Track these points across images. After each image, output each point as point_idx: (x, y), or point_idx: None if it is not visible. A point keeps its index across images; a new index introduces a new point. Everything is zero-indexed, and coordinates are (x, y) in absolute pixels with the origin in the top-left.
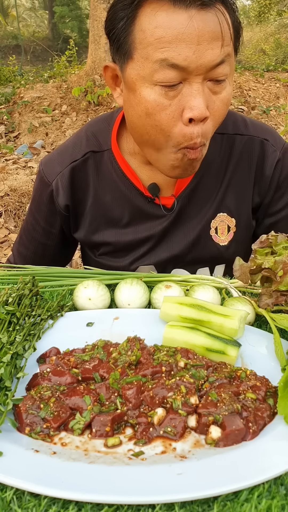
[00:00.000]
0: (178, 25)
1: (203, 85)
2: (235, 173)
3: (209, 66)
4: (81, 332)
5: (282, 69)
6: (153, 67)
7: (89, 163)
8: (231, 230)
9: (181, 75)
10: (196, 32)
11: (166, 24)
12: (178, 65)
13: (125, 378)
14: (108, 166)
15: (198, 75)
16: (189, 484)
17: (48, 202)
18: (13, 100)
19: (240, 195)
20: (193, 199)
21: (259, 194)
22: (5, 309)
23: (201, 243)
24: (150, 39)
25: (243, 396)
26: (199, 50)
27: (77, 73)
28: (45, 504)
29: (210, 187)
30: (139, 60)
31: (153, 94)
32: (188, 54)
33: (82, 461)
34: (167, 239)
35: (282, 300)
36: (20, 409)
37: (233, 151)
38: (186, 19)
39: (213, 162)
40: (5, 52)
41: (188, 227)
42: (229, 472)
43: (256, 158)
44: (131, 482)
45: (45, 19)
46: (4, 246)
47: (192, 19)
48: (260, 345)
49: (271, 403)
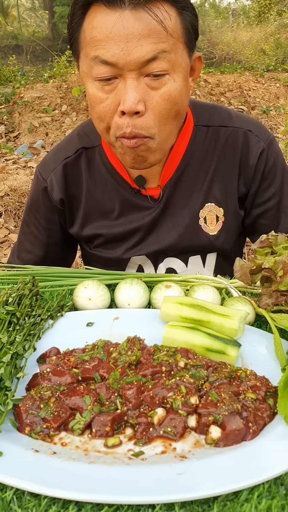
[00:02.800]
0: (109, 25)
1: (138, 80)
2: (220, 164)
3: (139, 62)
4: (81, 332)
5: (282, 69)
6: (90, 63)
7: (81, 158)
8: (219, 220)
9: (114, 70)
10: (124, 31)
11: (99, 25)
12: (107, 61)
13: (125, 378)
14: (99, 161)
15: (130, 71)
16: (189, 484)
17: (45, 199)
18: (13, 100)
19: (226, 185)
20: (179, 188)
21: (244, 184)
22: (5, 309)
23: (191, 233)
24: (88, 39)
25: (243, 396)
26: (128, 47)
27: (77, 73)
28: (45, 504)
29: (196, 178)
30: (82, 58)
31: (93, 88)
32: (116, 51)
33: (82, 461)
34: (157, 229)
35: (282, 300)
36: (20, 409)
37: (218, 143)
38: (116, 19)
39: (198, 153)
40: (5, 52)
41: (176, 217)
42: (229, 472)
43: (240, 149)
44: (131, 482)
45: (45, 19)
46: (4, 246)
47: (122, 19)
48: (260, 345)
49: (271, 403)
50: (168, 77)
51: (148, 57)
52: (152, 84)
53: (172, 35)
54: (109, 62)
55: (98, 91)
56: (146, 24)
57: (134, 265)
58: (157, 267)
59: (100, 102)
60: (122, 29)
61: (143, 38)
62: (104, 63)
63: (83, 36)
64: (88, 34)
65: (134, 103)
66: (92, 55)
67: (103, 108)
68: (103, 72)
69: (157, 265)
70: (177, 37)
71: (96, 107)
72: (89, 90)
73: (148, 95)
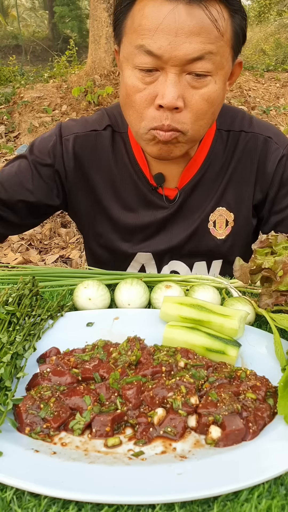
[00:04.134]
0: (160, 16)
1: (179, 76)
2: (237, 169)
3: (184, 59)
4: (81, 332)
5: (282, 69)
6: (134, 51)
7: (108, 136)
8: (229, 225)
9: (157, 62)
10: (175, 24)
11: (151, 14)
12: (153, 52)
13: (125, 378)
14: (122, 148)
15: (174, 66)
16: (189, 484)
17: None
18: (13, 100)
19: (240, 191)
20: (195, 192)
21: (261, 191)
22: (5, 309)
23: (199, 236)
24: (136, 26)
25: (243, 396)
26: (176, 42)
27: (77, 73)
28: (45, 504)
29: (213, 183)
30: (125, 44)
31: (132, 76)
32: (163, 44)
33: (82, 461)
34: (167, 229)
35: (282, 300)
36: (20, 409)
37: (237, 148)
38: (169, 11)
39: (217, 158)
40: (5, 52)
41: (188, 220)
42: (229, 472)
43: (258, 155)
44: (131, 482)
45: (45, 19)
46: (4, 246)
47: (174, 12)
48: (260, 345)
49: (271, 403)
50: (210, 79)
51: (194, 56)
52: (193, 83)
53: (222, 37)
54: (154, 54)
55: (136, 80)
56: (199, 21)
57: (138, 264)
58: (160, 269)
59: (138, 91)
60: (173, 22)
61: (193, 35)
62: (148, 54)
63: (130, 22)
64: (137, 21)
65: (174, 98)
66: (138, 43)
67: (139, 98)
68: (145, 62)
69: (161, 267)
70: (226, 40)
71: (132, 96)
72: (127, 78)
73: (187, 93)
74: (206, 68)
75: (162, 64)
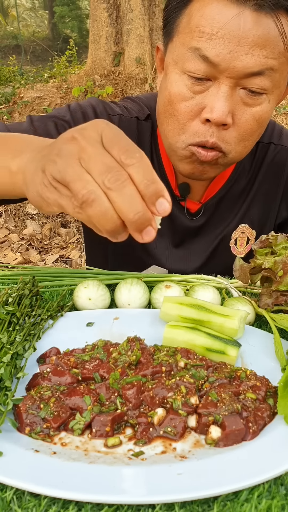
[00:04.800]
0: (222, 19)
1: (233, 90)
2: (264, 183)
3: (242, 72)
4: (81, 332)
5: None
6: (186, 54)
7: (149, 128)
8: (250, 242)
9: (211, 71)
10: (238, 32)
11: (212, 16)
12: (209, 58)
13: (125, 378)
14: (153, 148)
15: (229, 78)
16: (189, 484)
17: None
18: (13, 100)
19: (265, 207)
20: (220, 208)
21: (286, 208)
22: (5, 309)
23: (218, 254)
24: (192, 26)
25: (243, 396)
26: (236, 51)
27: (77, 73)
28: (45, 504)
29: (238, 198)
30: (176, 44)
31: (179, 82)
32: (222, 51)
33: (82, 461)
34: (185, 247)
35: (282, 300)
36: (20, 409)
37: (264, 161)
38: (234, 16)
39: (244, 171)
40: (5, 52)
41: (209, 238)
42: (229, 472)
43: (287, 170)
44: (131, 482)
45: (45, 19)
46: (4, 246)
47: (240, 17)
48: (260, 345)
49: (271, 403)
50: (265, 97)
51: (254, 70)
52: (246, 99)
53: (285, 52)
54: (210, 61)
55: (184, 88)
56: (266, 32)
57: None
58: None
59: (183, 100)
60: (237, 29)
61: (256, 46)
62: (203, 59)
63: (185, 20)
64: (195, 20)
65: (224, 114)
66: (193, 45)
67: (184, 107)
68: (199, 69)
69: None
70: (287, 57)
71: (176, 104)
72: (173, 83)
73: (238, 109)
74: (264, 86)
75: (216, 73)
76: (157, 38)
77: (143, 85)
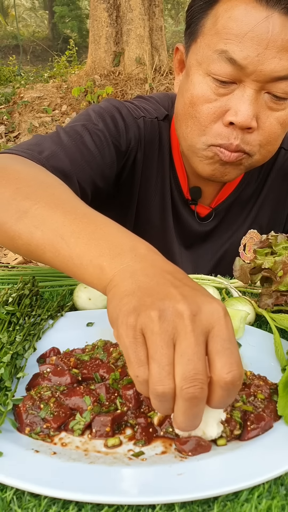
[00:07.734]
0: (251, 22)
1: (258, 94)
2: (273, 188)
3: (269, 76)
4: (81, 332)
5: None
6: (212, 56)
7: (167, 128)
8: None
9: (237, 74)
10: (267, 35)
11: (240, 17)
12: (237, 61)
13: (125, 378)
14: (166, 149)
15: (255, 81)
16: (189, 484)
17: (132, 126)
18: (13, 100)
19: (274, 212)
20: (229, 213)
21: None
22: (5, 309)
23: (227, 260)
24: (219, 27)
25: (252, 398)
26: (265, 54)
27: (77, 73)
28: (45, 504)
29: (248, 203)
30: (201, 46)
31: (203, 84)
32: (250, 54)
33: (82, 461)
34: (192, 252)
35: (282, 300)
36: (20, 409)
37: (275, 166)
38: (263, 18)
39: (255, 176)
40: (5, 52)
41: (218, 243)
42: (229, 472)
43: None
44: (131, 482)
45: (45, 19)
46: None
47: (269, 20)
48: (260, 345)
49: (276, 399)
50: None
51: (281, 75)
52: (270, 104)
53: None
54: (238, 63)
55: (208, 90)
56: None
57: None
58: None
59: (207, 102)
60: (265, 32)
61: (284, 51)
62: (230, 62)
63: (211, 21)
64: (222, 22)
65: (249, 117)
66: (219, 47)
67: (207, 109)
68: (224, 72)
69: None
70: None
71: (199, 106)
72: (196, 84)
73: (263, 113)
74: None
75: (242, 76)
76: (157, 38)
77: (143, 85)
